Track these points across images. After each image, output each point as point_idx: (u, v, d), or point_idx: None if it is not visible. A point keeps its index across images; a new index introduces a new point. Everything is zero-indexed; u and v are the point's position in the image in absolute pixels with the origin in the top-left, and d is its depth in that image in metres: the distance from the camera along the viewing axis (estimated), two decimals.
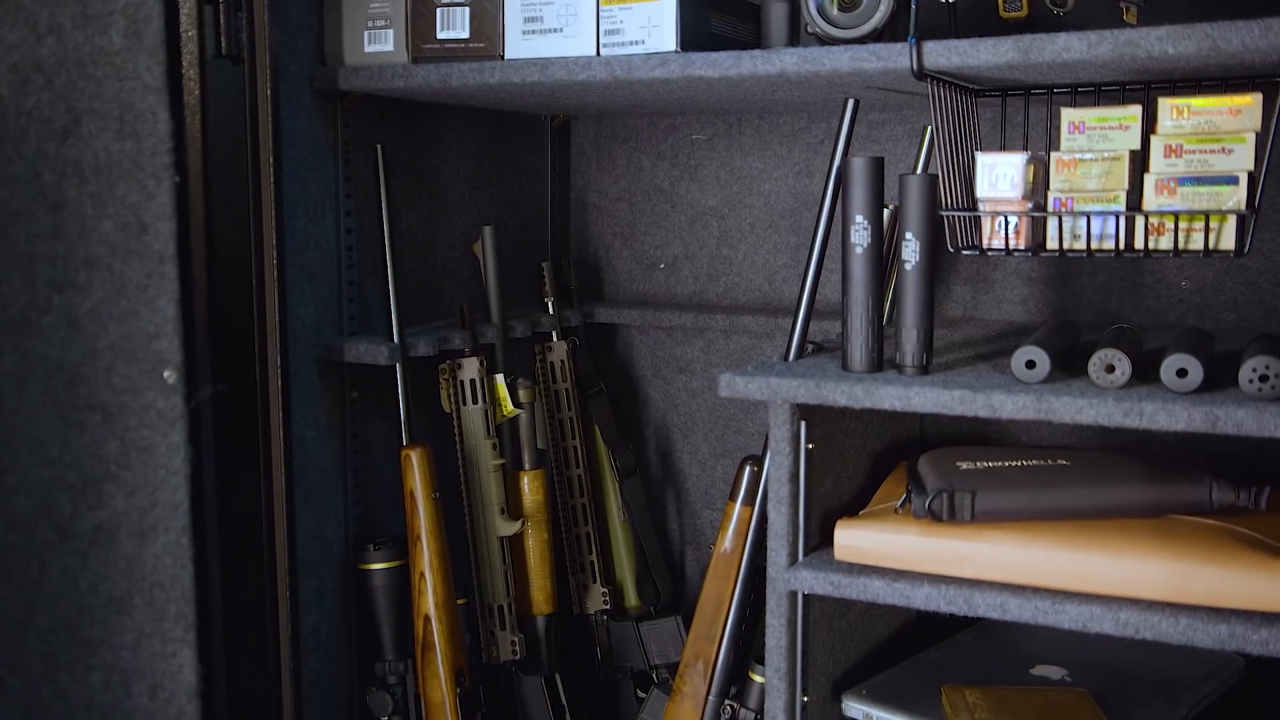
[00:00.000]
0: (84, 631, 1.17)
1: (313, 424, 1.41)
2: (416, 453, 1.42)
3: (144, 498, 1.17)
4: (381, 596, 1.43)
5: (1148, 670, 1.31)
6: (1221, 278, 1.45)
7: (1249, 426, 0.96)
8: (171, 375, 1.15)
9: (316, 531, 1.42)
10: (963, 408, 1.07)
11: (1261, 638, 0.99)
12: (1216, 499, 1.12)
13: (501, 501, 1.51)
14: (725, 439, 1.77)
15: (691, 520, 1.81)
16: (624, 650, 1.64)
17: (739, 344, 1.75)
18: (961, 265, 1.59)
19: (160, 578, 1.18)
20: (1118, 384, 1.05)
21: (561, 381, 1.66)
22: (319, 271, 1.41)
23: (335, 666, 1.45)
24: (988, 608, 1.09)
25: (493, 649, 1.53)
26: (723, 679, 1.36)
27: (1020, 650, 1.37)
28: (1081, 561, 1.07)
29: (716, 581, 1.36)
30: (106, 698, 1.18)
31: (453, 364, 1.51)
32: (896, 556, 1.15)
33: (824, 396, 1.13)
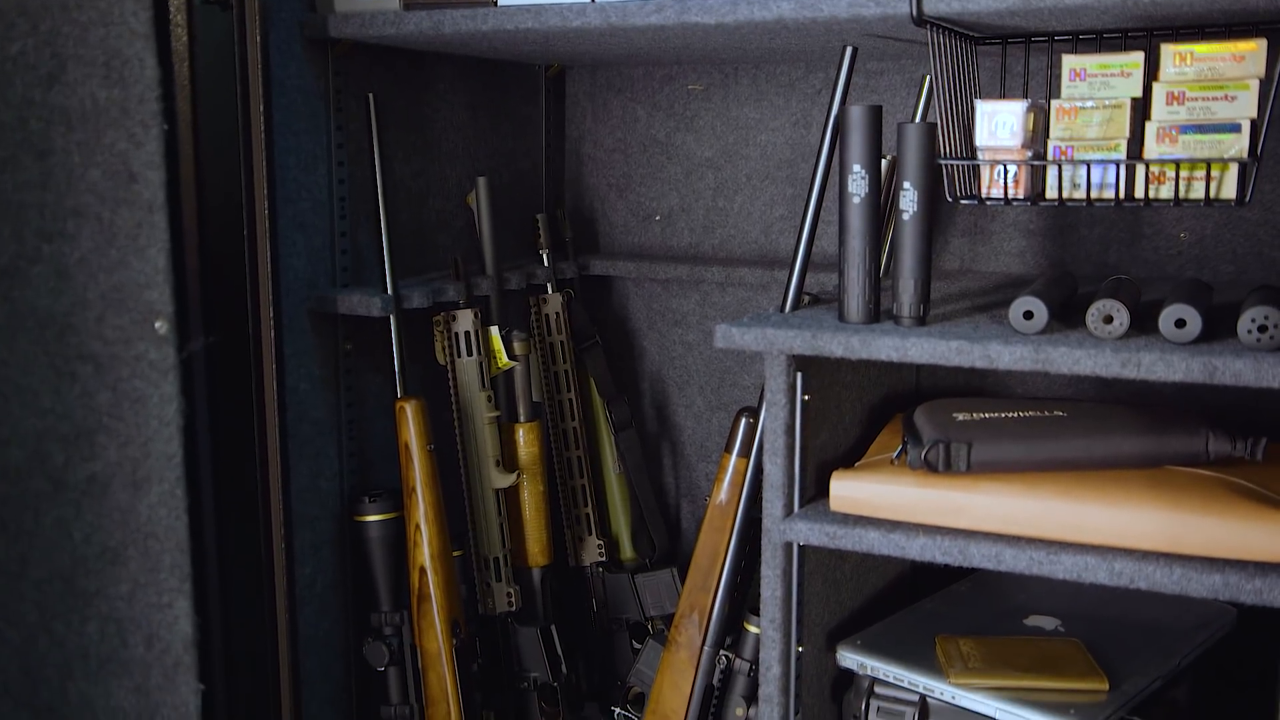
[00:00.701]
0: (79, 582, 1.17)
1: (306, 376, 1.41)
2: (411, 405, 1.41)
3: (137, 449, 1.16)
4: (377, 548, 1.44)
5: (1141, 621, 1.31)
6: (1220, 230, 1.44)
7: (1247, 377, 0.96)
8: (163, 326, 1.14)
9: (311, 484, 1.42)
10: (960, 358, 1.07)
11: (1255, 587, 0.99)
12: (1213, 450, 1.12)
13: (497, 454, 1.51)
14: (721, 392, 1.77)
15: (687, 473, 1.81)
16: (619, 602, 1.65)
17: (735, 296, 1.74)
18: (959, 217, 1.58)
19: (154, 528, 1.17)
20: (1115, 335, 1.04)
21: (556, 334, 1.66)
22: (311, 222, 1.40)
23: (331, 618, 1.46)
24: (983, 558, 1.09)
25: (488, 600, 1.54)
26: (718, 630, 1.37)
27: (1014, 601, 1.38)
28: (1077, 512, 1.07)
29: (712, 533, 1.36)
30: (103, 648, 1.18)
31: (447, 316, 1.50)
32: (892, 508, 1.15)
33: (820, 347, 1.12)
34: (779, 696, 1.22)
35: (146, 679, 1.20)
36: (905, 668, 1.22)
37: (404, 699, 1.45)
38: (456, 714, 1.42)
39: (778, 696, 1.22)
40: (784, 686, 1.22)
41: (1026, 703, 1.15)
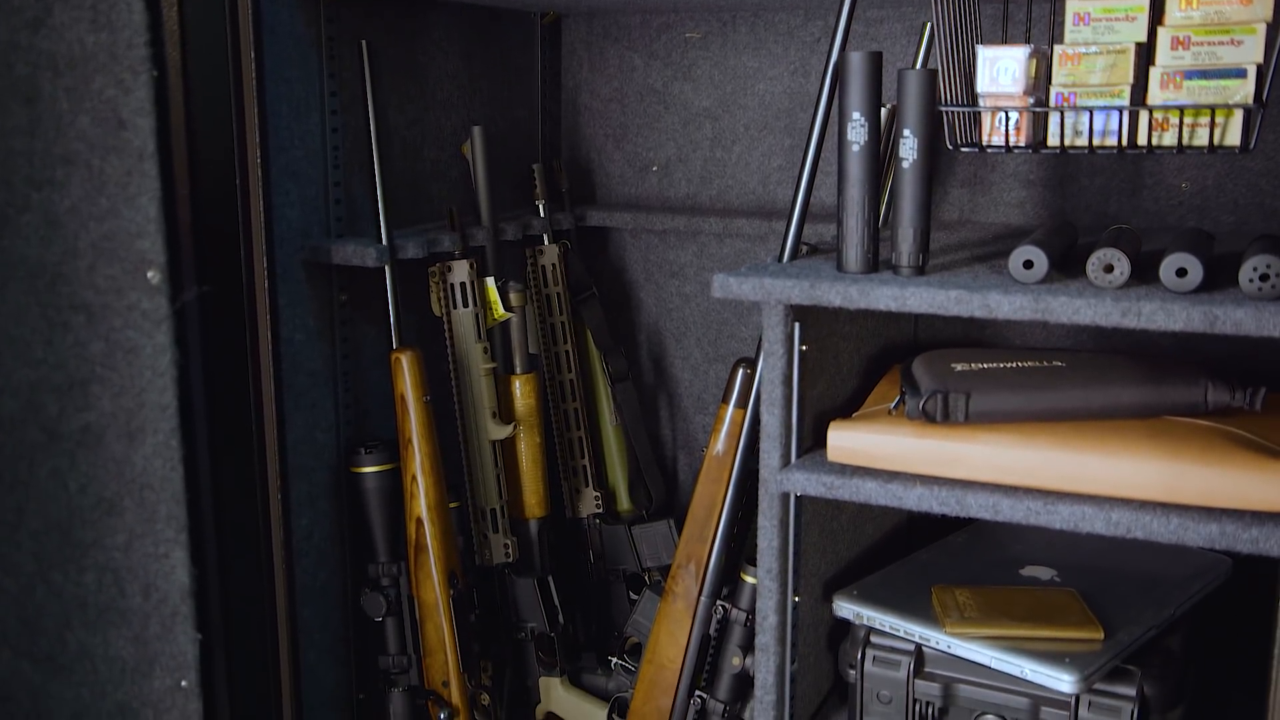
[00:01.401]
0: (75, 532, 1.17)
1: (301, 327, 1.40)
2: (407, 356, 1.40)
3: (131, 399, 1.16)
4: (373, 499, 1.43)
5: (1136, 571, 1.31)
6: (1222, 179, 1.43)
7: (1248, 326, 0.95)
8: (155, 276, 1.13)
9: (307, 435, 1.42)
10: (959, 308, 1.06)
11: (1252, 536, 0.99)
12: (1211, 400, 1.12)
13: (493, 405, 1.51)
14: (718, 343, 1.76)
15: (684, 425, 1.81)
16: (616, 553, 1.65)
17: (732, 248, 1.73)
18: (959, 168, 1.57)
19: (150, 479, 1.17)
20: (1116, 284, 1.03)
21: (553, 285, 1.65)
22: (304, 171, 1.38)
23: (328, 569, 1.46)
24: (980, 508, 1.09)
25: (485, 552, 1.54)
26: (714, 580, 1.37)
27: (1010, 552, 1.38)
28: (1074, 462, 1.07)
29: (709, 484, 1.36)
30: (100, 597, 1.19)
31: (442, 267, 1.49)
32: (889, 458, 1.14)
33: (818, 297, 1.12)
34: (775, 646, 1.22)
35: (144, 628, 1.20)
36: (901, 617, 1.23)
37: (401, 649, 1.45)
38: (454, 664, 1.42)
39: (774, 646, 1.22)
40: (780, 636, 1.23)
41: (1022, 652, 1.15)
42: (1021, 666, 1.14)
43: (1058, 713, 1.16)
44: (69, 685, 1.20)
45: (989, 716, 1.20)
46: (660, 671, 1.41)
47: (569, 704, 1.57)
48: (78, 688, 1.20)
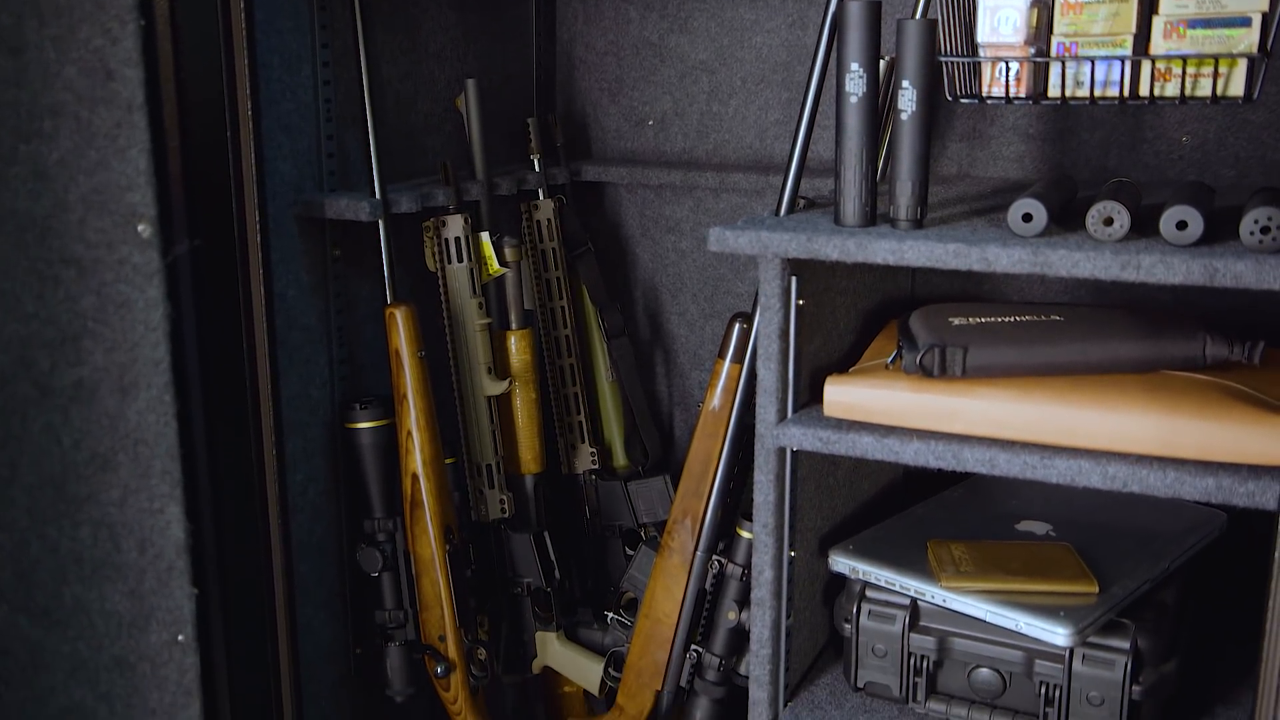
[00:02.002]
0: (69, 487, 1.17)
1: (294, 282, 1.39)
2: (401, 311, 1.39)
3: (123, 354, 1.15)
4: (369, 455, 1.43)
5: (1131, 526, 1.32)
6: (1223, 133, 1.42)
7: (1248, 278, 0.95)
8: (146, 229, 1.12)
9: (301, 391, 1.41)
10: (957, 261, 1.05)
11: (1248, 490, 0.99)
12: (1210, 354, 1.11)
13: (488, 361, 1.50)
14: (714, 299, 1.75)
15: (680, 381, 1.80)
16: (612, 509, 1.65)
17: (729, 202, 1.71)
18: (957, 121, 1.55)
19: (144, 434, 1.17)
20: (1116, 237, 1.03)
21: (548, 241, 1.63)
22: (296, 125, 1.37)
23: (324, 525, 1.46)
24: (976, 462, 1.09)
25: (481, 507, 1.54)
26: (710, 535, 1.37)
27: (1006, 507, 1.38)
28: (1072, 416, 1.06)
29: (705, 439, 1.36)
30: (95, 552, 1.18)
31: (436, 221, 1.48)
32: (886, 412, 1.14)
33: (815, 250, 1.11)
34: (771, 600, 1.23)
35: (140, 583, 1.20)
36: (897, 571, 1.23)
37: (398, 604, 1.46)
38: (450, 618, 1.43)
39: (770, 600, 1.23)
40: (776, 591, 1.23)
41: (1017, 605, 1.15)
42: (1016, 620, 1.14)
43: (1052, 665, 1.16)
44: (65, 639, 1.20)
45: (983, 669, 1.21)
46: (656, 626, 1.41)
47: (565, 658, 1.58)
48: (74, 642, 1.20)
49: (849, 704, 1.28)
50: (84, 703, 1.22)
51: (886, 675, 1.25)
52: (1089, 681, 1.15)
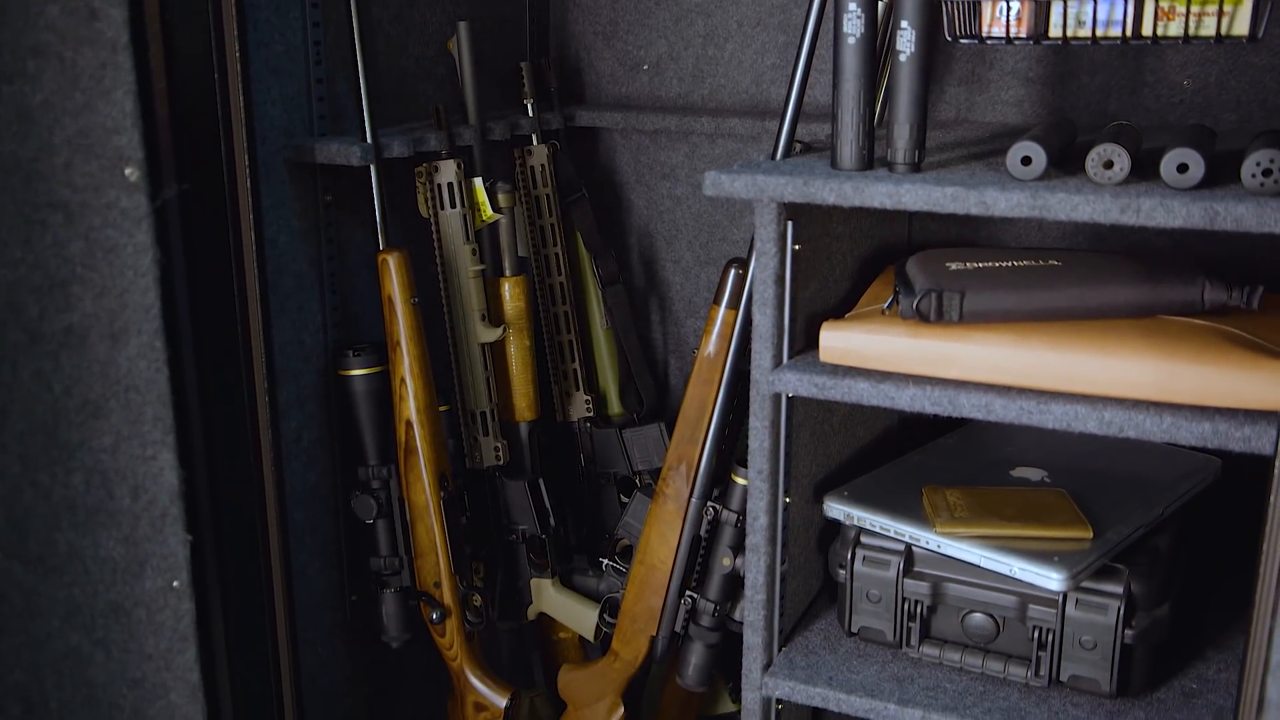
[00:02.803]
0: (61, 434, 1.16)
1: (285, 228, 1.37)
2: (394, 257, 1.38)
3: (113, 300, 1.14)
4: (362, 402, 1.43)
5: (1126, 472, 1.32)
6: (1225, 76, 1.40)
7: (1249, 222, 0.94)
8: (133, 173, 1.10)
9: (294, 338, 1.40)
10: (955, 205, 1.04)
11: (1244, 435, 0.99)
12: (1208, 299, 1.10)
13: (482, 308, 1.49)
14: (710, 246, 1.74)
15: (675, 328, 1.79)
16: (607, 456, 1.65)
17: (725, 148, 1.70)
18: (955, 65, 1.53)
19: (135, 381, 1.16)
20: (1115, 180, 1.01)
21: (542, 187, 1.62)
22: (285, 68, 1.34)
23: (318, 472, 1.46)
24: (972, 408, 1.09)
25: (476, 455, 1.54)
26: (705, 481, 1.37)
27: (1001, 453, 1.38)
28: (1068, 361, 1.06)
29: (700, 385, 1.35)
30: (88, 499, 1.18)
31: (429, 167, 1.46)
32: (882, 358, 1.13)
33: (812, 195, 1.09)
34: (766, 547, 1.23)
35: (134, 530, 1.20)
36: (891, 518, 1.23)
37: (393, 551, 1.46)
38: (445, 565, 1.43)
39: (764, 547, 1.23)
40: (771, 537, 1.23)
41: (1011, 551, 1.16)
42: (1010, 565, 1.15)
43: (1045, 610, 1.17)
44: (60, 585, 1.20)
45: (977, 614, 1.21)
46: (651, 572, 1.41)
47: (560, 604, 1.58)
48: (69, 588, 1.20)
49: (843, 649, 1.29)
50: (80, 648, 1.22)
51: (880, 620, 1.26)
52: (1082, 626, 1.15)
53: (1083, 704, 1.18)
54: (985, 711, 1.17)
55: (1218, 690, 1.19)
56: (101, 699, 1.24)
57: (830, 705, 1.22)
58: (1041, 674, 1.18)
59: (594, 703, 1.50)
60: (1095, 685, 1.17)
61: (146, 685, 1.25)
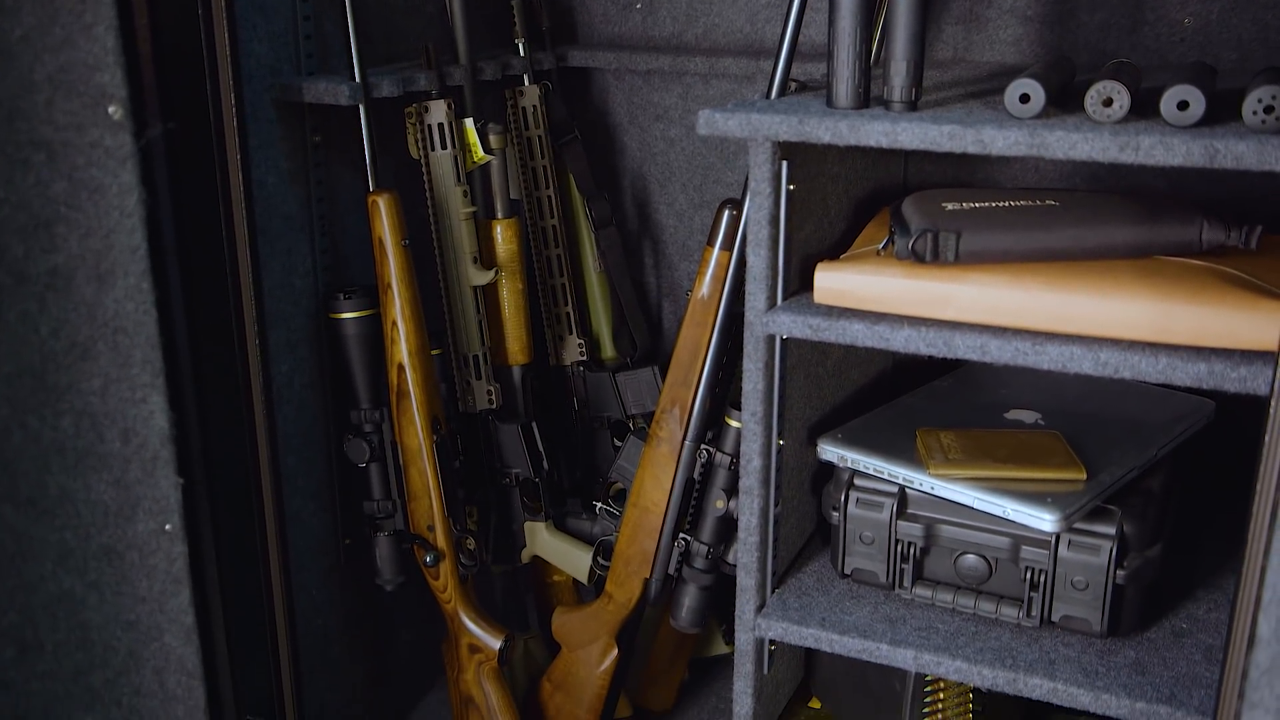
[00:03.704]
0: (49, 377, 1.15)
1: (274, 169, 1.36)
2: (384, 198, 1.36)
3: (99, 240, 1.12)
4: (354, 346, 1.42)
5: (1120, 415, 1.32)
6: (1226, 14, 1.38)
7: (1249, 159, 0.93)
8: (117, 111, 1.08)
9: (284, 280, 1.39)
10: (952, 143, 1.03)
11: (1240, 375, 0.99)
12: (1206, 238, 1.10)
13: (474, 250, 1.48)
14: (704, 189, 1.72)
15: (669, 272, 1.78)
16: (601, 400, 1.65)
17: (719, 89, 1.67)
18: (953, 3, 1.51)
19: (123, 323, 1.15)
20: (1115, 118, 1.00)
21: (534, 128, 1.59)
22: (272, 4, 1.32)
23: (310, 416, 1.45)
24: (967, 349, 1.08)
25: (469, 399, 1.53)
26: (699, 424, 1.37)
27: (995, 396, 1.38)
28: (1064, 302, 1.05)
29: (693, 328, 1.34)
30: (78, 442, 1.17)
31: (419, 107, 1.44)
32: (877, 299, 1.12)
33: (807, 133, 1.08)
34: (759, 489, 1.23)
35: (125, 473, 1.19)
36: (885, 460, 1.23)
37: (386, 494, 1.46)
38: (439, 508, 1.43)
39: (758, 489, 1.23)
40: (764, 479, 1.23)
41: (1004, 492, 1.16)
42: (1004, 506, 1.15)
43: (1038, 551, 1.17)
44: (52, 529, 1.20)
45: (969, 555, 1.21)
46: (645, 515, 1.42)
47: (554, 547, 1.59)
48: (60, 531, 1.20)
49: (835, 590, 1.30)
50: (73, 591, 1.22)
51: (873, 562, 1.26)
52: (1074, 566, 1.16)
53: (1074, 644, 1.18)
54: (977, 652, 1.17)
55: (1207, 629, 1.20)
56: (96, 641, 1.25)
57: (823, 646, 1.23)
58: (1033, 614, 1.19)
59: (588, 645, 1.51)
60: (1086, 625, 1.17)
61: (141, 627, 1.25)
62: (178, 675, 1.27)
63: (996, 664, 1.15)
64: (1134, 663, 1.15)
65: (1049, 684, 1.13)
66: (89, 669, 1.25)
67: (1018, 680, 1.14)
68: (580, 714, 1.54)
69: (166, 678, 1.28)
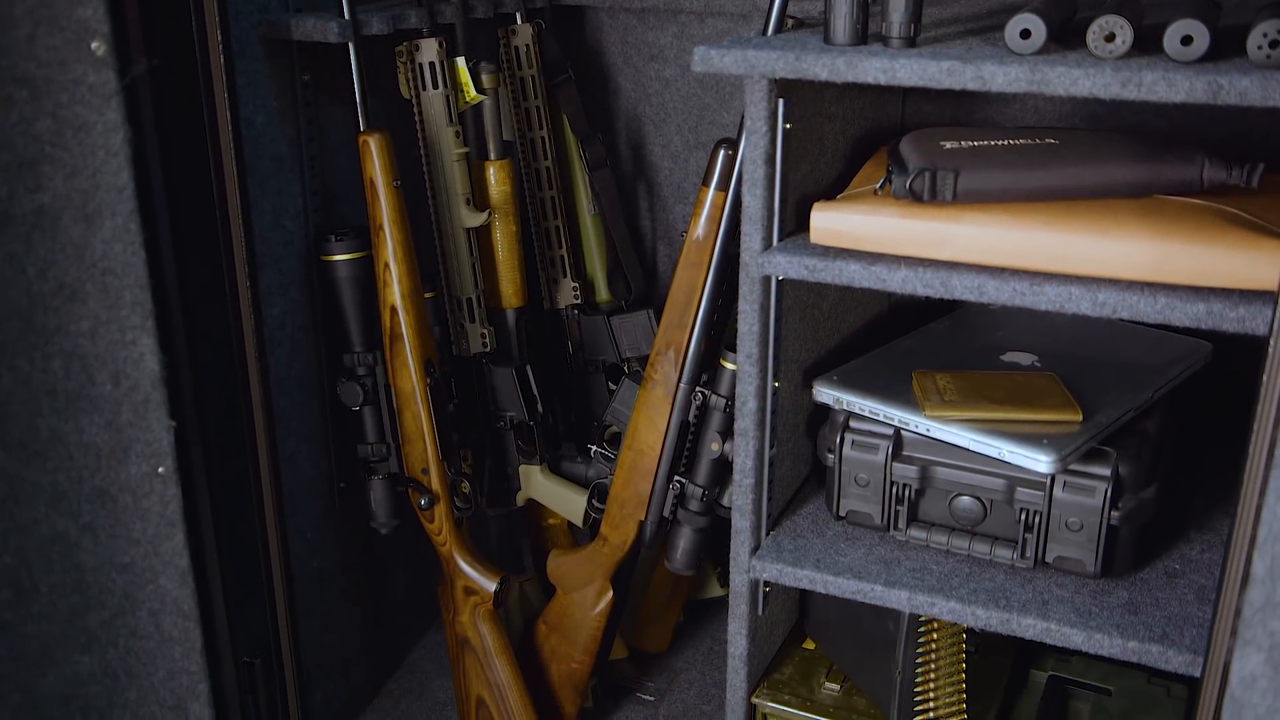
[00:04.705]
0: (38, 319, 1.14)
1: (262, 108, 1.34)
2: (375, 138, 1.34)
3: (85, 180, 1.10)
4: (346, 288, 1.40)
5: (1117, 357, 1.31)
6: None
7: (1253, 95, 0.91)
8: (100, 47, 1.06)
9: (275, 222, 1.38)
10: (951, 80, 1.01)
11: (1239, 315, 0.98)
12: (1208, 177, 1.08)
13: (466, 192, 1.46)
14: (699, 130, 1.70)
15: (663, 214, 1.76)
16: (595, 344, 1.64)
17: (715, 28, 1.65)
18: None
19: (111, 264, 1.13)
20: (1117, 53, 0.98)
21: (527, 68, 1.57)
22: None
23: (303, 359, 1.44)
24: (965, 289, 1.07)
25: (462, 342, 1.52)
26: (694, 366, 1.36)
27: (992, 338, 1.37)
28: (1063, 242, 1.04)
29: (689, 269, 1.33)
30: (69, 385, 1.17)
31: (410, 45, 1.42)
32: (874, 239, 1.11)
33: (804, 70, 1.06)
34: (754, 431, 1.22)
35: (117, 415, 1.19)
36: (881, 402, 1.22)
37: (380, 437, 1.45)
38: (433, 451, 1.43)
39: (753, 431, 1.22)
40: (759, 421, 1.22)
41: (1000, 434, 1.15)
42: (999, 448, 1.14)
43: (1033, 492, 1.17)
44: (44, 472, 1.19)
45: (964, 497, 1.21)
46: (639, 457, 1.41)
47: (549, 491, 1.59)
48: (53, 473, 1.19)
49: (830, 532, 1.30)
50: (67, 533, 1.22)
51: (868, 504, 1.26)
52: (1069, 508, 1.16)
53: (1067, 584, 1.19)
54: (971, 592, 1.18)
55: (1200, 570, 1.20)
56: (91, 583, 1.25)
57: (818, 587, 1.23)
58: (1027, 555, 1.19)
59: (583, 587, 1.52)
60: (1080, 566, 1.18)
61: (135, 569, 1.25)
62: (173, 617, 1.28)
63: (990, 605, 1.16)
64: (1127, 603, 1.15)
65: (1042, 624, 1.13)
66: (84, 611, 1.26)
67: (1011, 621, 1.15)
68: (576, 656, 1.55)
69: (162, 620, 1.28)
